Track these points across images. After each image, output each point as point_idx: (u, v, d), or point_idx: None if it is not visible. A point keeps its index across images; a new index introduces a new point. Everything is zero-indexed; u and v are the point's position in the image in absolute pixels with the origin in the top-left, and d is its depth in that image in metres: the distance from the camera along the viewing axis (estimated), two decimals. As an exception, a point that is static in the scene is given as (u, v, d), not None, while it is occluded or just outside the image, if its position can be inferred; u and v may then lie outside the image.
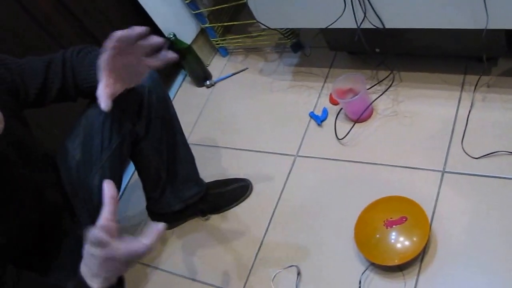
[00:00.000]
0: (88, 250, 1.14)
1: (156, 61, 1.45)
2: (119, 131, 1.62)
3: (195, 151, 2.03)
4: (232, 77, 2.78)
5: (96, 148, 1.66)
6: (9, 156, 1.36)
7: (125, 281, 1.31)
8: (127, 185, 2.55)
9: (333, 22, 1.92)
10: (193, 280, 2.10)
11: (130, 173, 2.55)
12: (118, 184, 1.81)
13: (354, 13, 1.85)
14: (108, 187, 1.16)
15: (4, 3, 2.05)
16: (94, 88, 1.48)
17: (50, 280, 1.48)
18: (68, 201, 1.66)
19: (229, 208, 2.22)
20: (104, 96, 1.35)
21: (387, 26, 1.85)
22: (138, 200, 2.33)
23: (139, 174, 1.96)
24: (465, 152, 1.88)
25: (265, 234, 2.07)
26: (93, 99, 1.61)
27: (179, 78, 2.94)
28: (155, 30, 2.61)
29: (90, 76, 1.50)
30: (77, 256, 1.59)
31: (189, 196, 2.06)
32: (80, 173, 1.67)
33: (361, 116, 2.12)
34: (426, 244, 1.69)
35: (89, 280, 1.18)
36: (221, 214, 2.23)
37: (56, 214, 1.57)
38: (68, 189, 1.66)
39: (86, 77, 1.51)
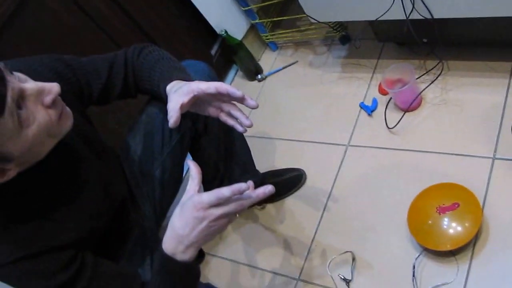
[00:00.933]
0: (196, 215, 1.18)
1: (228, 118, 1.53)
2: (179, 127, 1.64)
3: (249, 143, 2.05)
4: (282, 70, 2.79)
5: (157, 144, 1.70)
6: (79, 151, 1.40)
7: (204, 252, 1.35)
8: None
9: (383, 14, 1.91)
10: (251, 266, 2.14)
11: (187, 167, 2.57)
12: (178, 178, 1.85)
13: (403, 4, 1.84)
14: (193, 164, 1.27)
15: (64, 5, 2.11)
16: (153, 90, 1.54)
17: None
18: (132, 194, 1.71)
19: (284, 197, 2.25)
20: (175, 117, 1.36)
21: (435, 16, 1.83)
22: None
23: (198, 167, 1.98)
24: (515, 138, 1.86)
25: (319, 221, 2.09)
26: (152, 96, 1.66)
27: (231, 73, 2.97)
28: (207, 27, 2.65)
29: (150, 79, 1.54)
30: (142, 245, 1.64)
31: (246, 187, 2.08)
32: (142, 167, 1.71)
33: (411, 106, 2.12)
34: (478, 230, 1.69)
35: (180, 255, 1.22)
36: (276, 203, 2.26)
37: (122, 205, 1.61)
38: (131, 182, 1.70)
39: (147, 80, 1.55)
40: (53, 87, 1.13)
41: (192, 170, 1.26)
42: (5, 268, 1.18)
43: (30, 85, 1.10)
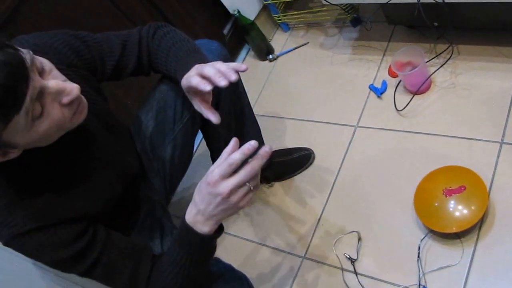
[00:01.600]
0: (210, 191, 1.16)
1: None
2: (191, 105, 1.63)
3: (259, 122, 2.03)
4: (293, 51, 2.75)
5: (169, 121, 1.69)
6: (92, 126, 1.39)
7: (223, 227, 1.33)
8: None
9: (394, -3, 1.89)
10: (258, 243, 2.13)
11: (196, 145, 2.56)
12: (189, 155, 1.84)
13: (414, -13, 1.81)
14: (232, 144, 1.20)
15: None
16: (169, 74, 1.54)
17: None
18: (143, 169, 1.70)
19: (292, 176, 2.23)
20: (211, 114, 1.44)
21: (446, 0, 1.80)
22: (204, 172, 2.35)
23: (208, 145, 1.97)
24: (523, 124, 1.83)
25: (326, 201, 2.07)
26: (165, 74, 1.64)
27: (243, 52, 2.94)
28: (220, 7, 2.62)
29: (166, 65, 1.53)
30: (152, 220, 1.64)
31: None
32: (154, 143, 1.70)
33: (420, 88, 2.09)
34: (484, 213, 1.67)
35: (199, 225, 1.21)
36: (284, 181, 2.24)
37: (133, 180, 1.60)
38: (142, 157, 1.70)
39: (162, 64, 1.54)
40: (73, 90, 1.11)
41: (228, 148, 1.21)
42: (19, 238, 1.18)
43: (52, 83, 1.07)
